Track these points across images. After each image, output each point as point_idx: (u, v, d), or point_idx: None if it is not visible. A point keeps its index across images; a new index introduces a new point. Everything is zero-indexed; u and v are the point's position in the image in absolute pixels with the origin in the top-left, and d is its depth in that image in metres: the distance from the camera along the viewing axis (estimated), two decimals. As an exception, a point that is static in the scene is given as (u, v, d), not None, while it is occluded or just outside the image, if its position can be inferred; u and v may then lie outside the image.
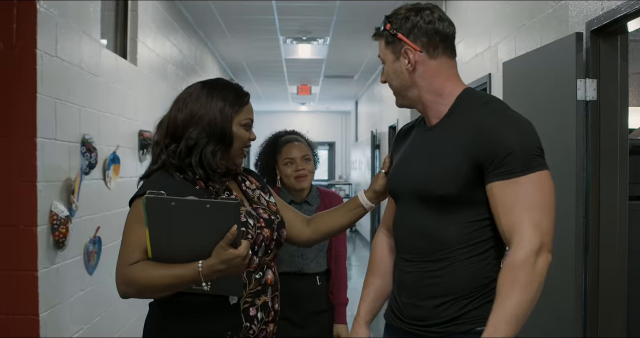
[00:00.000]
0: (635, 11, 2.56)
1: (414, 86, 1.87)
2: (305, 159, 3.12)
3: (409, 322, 1.85)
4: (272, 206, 2.09)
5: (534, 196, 1.67)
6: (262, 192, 2.12)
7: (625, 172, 2.87)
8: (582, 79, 2.85)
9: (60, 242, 3.20)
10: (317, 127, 18.05)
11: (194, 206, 1.70)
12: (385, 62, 1.90)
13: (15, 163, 2.98)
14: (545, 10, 3.43)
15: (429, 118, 1.90)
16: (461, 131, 1.77)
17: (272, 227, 1.99)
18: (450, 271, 1.78)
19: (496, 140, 1.70)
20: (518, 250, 1.64)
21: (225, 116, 1.93)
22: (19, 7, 3.00)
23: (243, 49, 8.88)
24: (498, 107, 1.80)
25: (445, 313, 1.78)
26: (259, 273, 1.94)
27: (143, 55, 5.05)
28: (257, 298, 1.92)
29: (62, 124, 3.30)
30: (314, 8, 6.70)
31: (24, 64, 2.99)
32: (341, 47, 8.58)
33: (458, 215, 1.77)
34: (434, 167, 1.79)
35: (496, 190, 1.70)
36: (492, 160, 1.70)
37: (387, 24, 1.87)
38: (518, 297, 1.63)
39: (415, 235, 1.84)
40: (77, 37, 3.53)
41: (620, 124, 2.87)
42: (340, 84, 12.33)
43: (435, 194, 1.78)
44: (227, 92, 1.97)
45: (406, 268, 1.87)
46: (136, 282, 1.79)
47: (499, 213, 1.70)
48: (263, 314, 1.94)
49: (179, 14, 6.52)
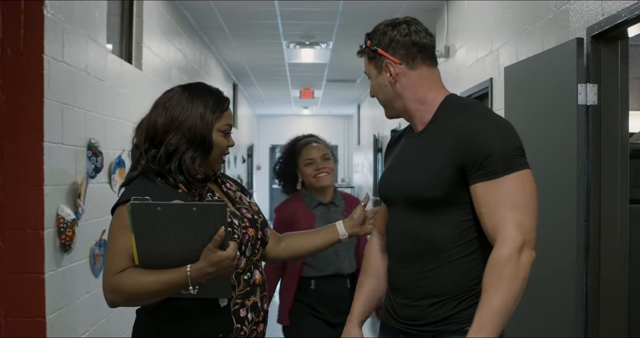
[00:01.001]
0: (635, 17, 2.57)
1: (399, 97, 1.93)
2: (325, 158, 3.20)
3: (404, 321, 1.90)
4: (254, 206, 2.07)
5: (516, 195, 1.72)
6: (243, 194, 2.10)
7: (626, 176, 2.88)
8: (583, 83, 2.87)
9: (66, 245, 3.22)
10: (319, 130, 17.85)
11: (180, 210, 1.67)
12: (370, 77, 1.96)
13: (22, 167, 2.99)
14: (547, 16, 3.44)
15: (415, 125, 1.96)
16: (445, 135, 1.82)
17: (256, 227, 1.98)
18: (441, 272, 1.83)
19: (477, 142, 1.75)
20: (502, 248, 1.69)
21: (205, 122, 1.90)
22: (27, 13, 3.02)
23: (246, 53, 8.90)
24: (479, 111, 1.85)
25: (436, 312, 1.83)
26: (247, 274, 1.92)
27: (148, 59, 5.07)
28: (246, 299, 1.90)
29: (68, 128, 3.32)
30: (316, 13, 6.72)
31: (31, 69, 3.01)
32: (343, 52, 8.59)
33: (445, 217, 1.82)
34: (420, 171, 1.85)
35: (479, 191, 1.75)
36: (474, 162, 1.75)
37: (367, 41, 1.93)
38: (503, 293, 1.66)
39: (405, 237, 1.89)
40: (83, 42, 3.55)
41: (620, 128, 2.87)
42: (342, 88, 12.34)
43: (422, 197, 1.83)
44: (208, 98, 1.94)
45: (399, 270, 1.92)
46: (124, 290, 1.74)
47: (483, 213, 1.75)
48: (253, 315, 1.92)
49: (183, 19, 6.55)
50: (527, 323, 3.25)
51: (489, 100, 4.41)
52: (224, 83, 9.76)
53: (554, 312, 3.03)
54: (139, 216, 1.66)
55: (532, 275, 1.73)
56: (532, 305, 3.20)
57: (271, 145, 18.26)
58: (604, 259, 2.86)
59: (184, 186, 1.88)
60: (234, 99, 11.18)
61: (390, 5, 6.18)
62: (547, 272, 3.02)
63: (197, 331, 1.85)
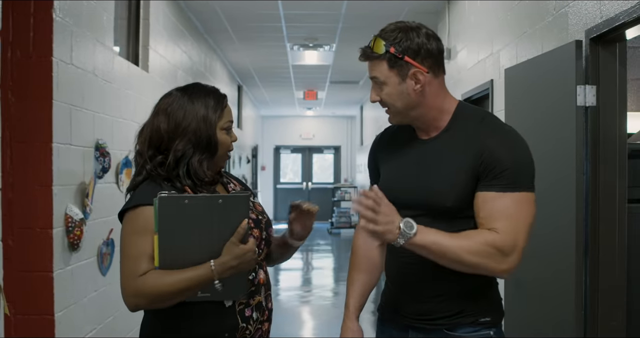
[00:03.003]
0: (633, 19, 2.57)
1: (419, 105, 1.88)
2: None
3: (415, 317, 1.92)
4: (258, 206, 2.05)
5: (519, 209, 1.76)
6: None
7: (624, 176, 2.88)
8: (582, 85, 2.87)
9: (74, 244, 3.24)
10: (323, 131, 18.08)
11: (206, 202, 1.68)
12: (388, 84, 1.85)
13: (31, 167, 3.01)
14: (546, 19, 3.45)
15: (426, 131, 1.93)
16: (464, 147, 1.83)
17: (260, 227, 1.96)
18: (453, 273, 1.82)
19: (496, 154, 1.78)
20: (494, 234, 1.74)
21: (209, 124, 1.89)
22: (36, 16, 3.04)
23: (251, 55, 8.91)
24: (497, 124, 1.89)
25: (449, 307, 1.88)
26: (252, 274, 1.90)
27: (154, 61, 5.09)
28: (251, 298, 1.90)
29: (76, 129, 3.34)
30: (320, 15, 6.73)
31: (40, 71, 3.03)
32: (347, 54, 8.59)
33: (459, 223, 1.83)
34: (442, 179, 1.84)
35: (486, 199, 1.78)
36: (489, 171, 1.78)
37: (391, 47, 1.82)
38: (462, 246, 1.72)
39: None
40: (91, 45, 3.57)
41: (619, 128, 2.88)
42: (345, 89, 12.35)
43: (443, 206, 1.83)
44: (208, 98, 1.92)
45: (408, 270, 1.92)
46: (147, 292, 1.72)
47: (481, 218, 1.79)
48: (258, 314, 1.91)
49: (189, 22, 6.56)
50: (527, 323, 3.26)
51: (490, 102, 4.42)
52: (228, 85, 9.78)
53: (554, 311, 3.04)
54: (166, 210, 1.66)
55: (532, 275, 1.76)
56: (532, 305, 3.21)
57: (275, 145, 18.27)
58: (602, 258, 2.87)
59: (190, 189, 1.87)
60: (238, 100, 11.20)
61: (392, 8, 6.19)
62: (547, 272, 3.03)
63: (203, 331, 1.84)
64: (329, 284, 9.26)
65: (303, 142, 18.22)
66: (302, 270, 10.57)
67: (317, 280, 9.77)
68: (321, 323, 6.77)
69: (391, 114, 1.93)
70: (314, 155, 18.69)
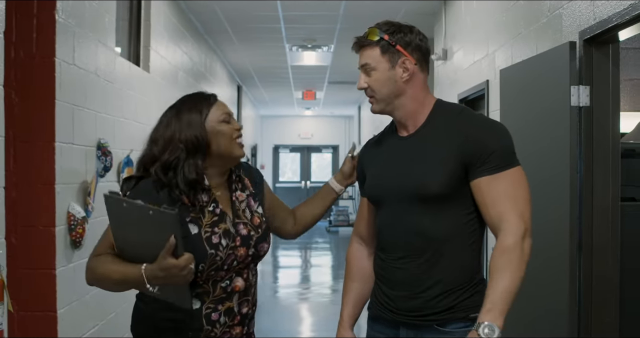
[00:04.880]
0: (626, 21, 2.58)
1: (403, 95, 1.96)
2: None
3: (405, 313, 1.93)
4: (257, 218, 2.01)
5: (516, 188, 1.84)
6: (253, 200, 2.05)
7: (617, 174, 2.89)
8: (576, 85, 2.88)
9: (77, 242, 3.24)
10: (321, 130, 18.08)
11: (140, 211, 1.69)
12: (377, 69, 1.94)
13: (34, 166, 3.02)
14: (541, 20, 3.46)
15: (405, 126, 2.00)
16: (446, 135, 1.90)
17: (248, 244, 1.95)
18: (445, 265, 1.88)
19: (481, 141, 1.86)
20: (508, 236, 1.80)
21: (195, 125, 1.90)
22: (39, 17, 3.04)
23: (250, 56, 8.92)
24: (475, 114, 1.99)
25: (441, 303, 1.89)
26: (226, 282, 1.91)
27: (155, 62, 5.09)
28: (220, 304, 1.90)
29: (79, 128, 3.35)
30: (318, 17, 6.74)
31: (43, 71, 3.03)
32: (345, 54, 8.60)
33: (450, 212, 1.89)
34: (427, 169, 1.89)
35: (483, 185, 1.84)
36: (477, 158, 1.85)
37: (385, 35, 1.94)
38: (512, 275, 1.76)
39: (409, 234, 1.92)
40: (93, 45, 3.57)
41: (612, 128, 2.89)
42: (343, 90, 12.35)
43: (432, 193, 1.87)
44: (191, 104, 1.94)
45: (398, 265, 1.94)
46: (93, 272, 1.85)
47: (487, 204, 1.84)
48: (227, 318, 1.91)
49: (190, 23, 6.57)
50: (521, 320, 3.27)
51: (485, 102, 4.42)
52: (228, 85, 9.78)
53: (547, 308, 3.05)
54: (111, 208, 1.75)
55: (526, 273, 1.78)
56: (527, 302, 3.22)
57: (274, 145, 18.28)
58: (596, 256, 2.88)
59: (187, 197, 1.88)
60: (238, 100, 11.19)
61: (389, 8, 6.19)
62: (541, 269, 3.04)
63: (172, 326, 1.89)
64: (327, 281, 9.27)
65: (302, 141, 18.23)
66: (301, 268, 10.57)
67: (315, 277, 9.78)
68: (319, 319, 6.78)
69: (375, 101, 1.98)
70: (313, 154, 18.70)
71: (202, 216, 1.89)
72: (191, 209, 1.88)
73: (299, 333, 6.30)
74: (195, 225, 1.88)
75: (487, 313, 1.73)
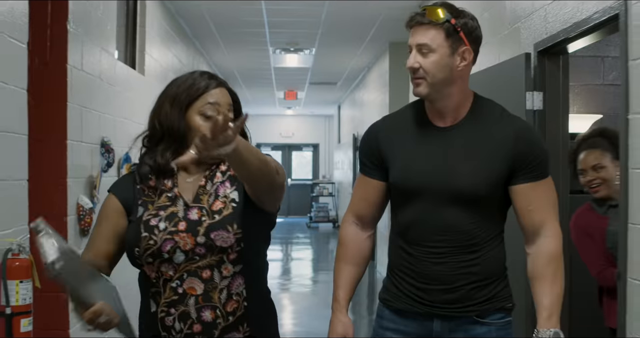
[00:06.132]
0: (572, 36, 2.95)
1: (454, 84, 1.86)
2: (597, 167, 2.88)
3: (442, 306, 1.90)
4: (219, 203, 1.74)
5: (553, 196, 1.91)
6: (230, 183, 1.78)
7: (567, 169, 3.25)
8: (531, 91, 3.25)
9: (85, 230, 3.55)
10: (302, 129, 18.39)
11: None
12: (437, 52, 1.81)
13: (48, 162, 3.31)
14: (503, 32, 3.82)
15: (444, 116, 1.90)
16: (493, 136, 1.87)
17: (195, 231, 1.69)
18: (482, 260, 1.90)
19: (531, 146, 1.87)
20: (555, 243, 1.87)
21: (177, 105, 1.76)
22: (52, 28, 3.34)
23: (235, 58, 9.23)
24: (517, 117, 1.96)
25: (479, 294, 1.90)
26: (176, 282, 1.70)
27: (149, 65, 5.40)
28: (172, 308, 1.70)
29: (86, 128, 3.65)
30: (301, 22, 7.08)
31: (56, 77, 3.33)
32: (325, 57, 8.95)
33: (488, 210, 1.90)
34: (476, 169, 1.85)
35: (528, 190, 1.86)
36: (526, 163, 1.85)
37: (452, 18, 1.82)
38: (562, 282, 1.85)
39: (448, 229, 1.88)
40: (97, 52, 3.88)
41: (562, 129, 3.27)
42: (324, 90, 12.69)
43: (478, 195, 1.86)
44: (184, 79, 1.82)
45: (435, 259, 1.89)
46: None
47: (531, 210, 1.87)
48: (182, 325, 1.70)
49: (179, 27, 6.87)
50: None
51: (455, 104, 4.77)
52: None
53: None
54: None
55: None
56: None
57: (256, 143, 18.45)
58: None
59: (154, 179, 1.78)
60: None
61: (368, 15, 6.55)
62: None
63: (141, 325, 1.81)
64: (307, 274, 9.62)
65: (283, 139, 18.50)
66: (282, 261, 10.91)
67: (296, 270, 10.12)
68: (301, 308, 7.13)
69: (424, 84, 1.85)
70: (294, 152, 18.99)
71: (157, 199, 1.76)
72: (148, 192, 1.77)
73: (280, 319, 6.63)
74: (143, 208, 1.76)
75: (549, 320, 1.79)
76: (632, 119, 2.42)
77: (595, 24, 2.68)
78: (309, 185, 17.10)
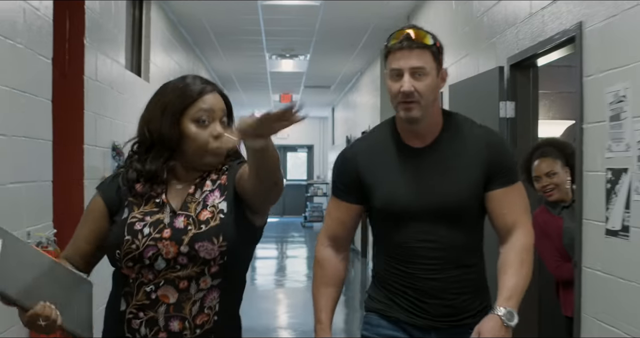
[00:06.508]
0: (541, 52, 3.29)
1: (435, 104, 1.92)
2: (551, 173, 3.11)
3: (440, 319, 1.94)
4: (207, 213, 1.68)
5: (524, 200, 1.98)
6: (219, 193, 1.72)
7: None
8: (504, 101, 3.60)
9: (99, 227, 3.87)
10: (297, 131, 18.65)
11: None
12: (429, 75, 1.86)
13: (68, 165, 3.64)
14: (481, 46, 4.17)
15: (422, 136, 1.94)
16: (468, 150, 1.93)
17: (179, 239, 1.65)
18: (473, 272, 1.97)
19: (501, 155, 1.94)
20: (526, 237, 1.92)
21: (170, 112, 1.69)
22: (70, 42, 3.67)
23: (233, 63, 9.57)
24: (486, 127, 2.03)
25: (472, 306, 1.96)
26: (151, 287, 1.66)
27: (153, 73, 5.73)
28: (142, 311, 1.66)
29: (99, 133, 3.98)
30: (296, 31, 7.42)
31: (74, 87, 3.66)
32: (320, 62, 9.30)
33: (472, 221, 1.97)
34: (460, 184, 1.91)
35: (500, 195, 1.92)
36: (499, 171, 1.92)
37: (436, 41, 1.88)
38: (527, 272, 1.89)
39: (440, 246, 1.92)
40: (109, 63, 4.20)
41: (532, 134, 3.62)
42: (318, 93, 13.03)
43: (464, 207, 1.92)
44: (174, 96, 1.71)
45: (431, 275, 1.93)
46: None
47: (504, 214, 1.92)
48: (148, 331, 1.66)
49: (180, 36, 7.20)
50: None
51: (440, 110, 5.11)
52: (211, 89, 10.40)
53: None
54: None
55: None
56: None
57: (252, 144, 18.76)
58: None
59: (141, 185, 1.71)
60: (219, 102, 11.78)
61: (359, 24, 6.90)
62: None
63: (106, 321, 1.76)
64: (302, 271, 9.93)
65: (278, 141, 18.50)
66: (278, 259, 11.24)
67: (291, 267, 10.45)
68: (295, 302, 7.46)
69: (417, 108, 1.87)
70: (289, 153, 19.28)
71: (144, 204, 1.70)
72: (135, 195, 1.71)
73: (274, 311, 6.98)
74: (128, 209, 1.71)
75: (508, 300, 1.81)
76: (586, 128, 2.76)
77: (557, 43, 3.02)
78: (303, 186, 17.40)
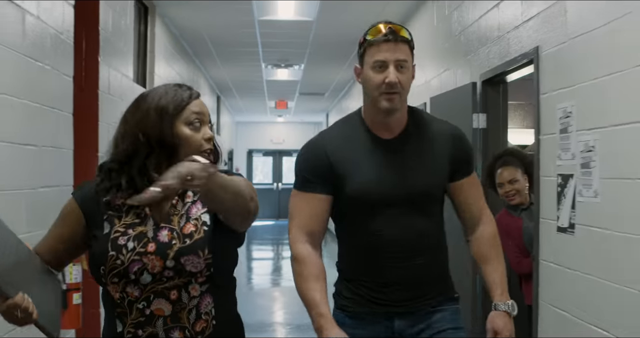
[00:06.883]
0: (510, 70, 3.68)
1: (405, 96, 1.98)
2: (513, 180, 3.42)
3: (401, 304, 1.97)
4: (191, 226, 1.65)
5: (481, 188, 2.10)
6: (201, 204, 1.68)
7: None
8: (476, 113, 3.99)
9: (112, 227, 4.24)
10: (292, 136, 19.01)
11: None
12: (409, 68, 1.93)
13: (83, 172, 4.00)
14: (459, 61, 4.56)
15: (391, 128, 1.97)
16: (435, 141, 1.98)
17: (165, 254, 1.61)
18: (437, 258, 2.03)
19: (465, 145, 2.04)
20: (492, 226, 2.04)
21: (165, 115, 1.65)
22: (86, 60, 4.04)
23: (230, 73, 9.97)
24: (447, 122, 2.11)
25: (436, 288, 2.02)
26: (142, 303, 1.63)
27: (156, 83, 6.10)
28: (140, 329, 1.63)
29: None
30: (291, 43, 7.82)
31: (90, 101, 4.03)
32: (314, 72, 9.70)
33: (439, 211, 2.05)
34: (429, 173, 1.97)
35: (465, 185, 2.01)
36: (463, 162, 2.01)
37: (411, 37, 1.94)
38: (502, 260, 2.04)
39: (410, 235, 1.95)
40: (119, 78, 4.58)
41: (502, 143, 4.01)
42: (312, 100, 13.40)
43: (433, 196, 2.00)
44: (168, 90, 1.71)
45: (398, 264, 1.96)
46: None
47: (470, 203, 2.02)
48: None
49: (182, 48, 7.59)
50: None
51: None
52: (209, 95, 10.78)
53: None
54: None
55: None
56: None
57: (248, 149, 19.13)
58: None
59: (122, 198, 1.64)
60: (217, 109, 12.18)
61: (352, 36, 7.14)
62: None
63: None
64: (298, 271, 10.30)
65: (274, 145, 19.12)
66: (274, 260, 11.60)
67: (287, 267, 10.70)
68: (291, 300, 7.82)
69: (398, 99, 1.91)
70: (284, 158, 19.55)
71: (124, 216, 1.65)
72: (115, 206, 1.66)
73: (270, 307, 7.36)
74: (109, 223, 1.65)
75: (503, 294, 1.95)
76: (542, 139, 3.15)
77: (519, 64, 3.41)
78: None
